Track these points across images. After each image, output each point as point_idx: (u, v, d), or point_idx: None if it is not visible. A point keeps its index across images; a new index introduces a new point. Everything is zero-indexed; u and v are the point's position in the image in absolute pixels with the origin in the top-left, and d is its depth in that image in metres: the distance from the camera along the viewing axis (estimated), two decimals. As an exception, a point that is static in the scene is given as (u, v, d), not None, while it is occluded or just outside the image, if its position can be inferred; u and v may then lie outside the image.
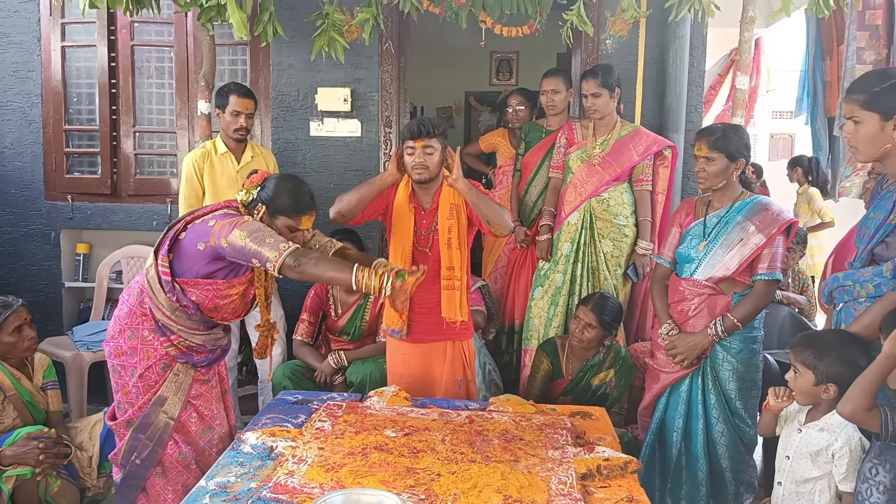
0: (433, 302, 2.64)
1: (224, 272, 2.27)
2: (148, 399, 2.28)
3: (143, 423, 2.28)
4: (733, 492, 2.63)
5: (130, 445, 2.29)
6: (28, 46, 4.05)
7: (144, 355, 2.28)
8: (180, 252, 2.25)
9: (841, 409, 1.87)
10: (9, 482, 2.42)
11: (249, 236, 2.11)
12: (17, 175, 4.12)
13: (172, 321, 2.26)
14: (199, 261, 2.22)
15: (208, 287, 2.25)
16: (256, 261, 2.11)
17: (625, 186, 3.33)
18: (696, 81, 3.73)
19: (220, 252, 2.17)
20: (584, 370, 2.99)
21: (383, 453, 2.01)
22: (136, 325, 2.29)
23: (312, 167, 3.95)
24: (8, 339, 2.63)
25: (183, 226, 2.26)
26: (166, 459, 2.31)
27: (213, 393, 2.43)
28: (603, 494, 1.87)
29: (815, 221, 6.03)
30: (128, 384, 2.30)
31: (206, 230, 2.19)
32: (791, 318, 3.65)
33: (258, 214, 2.27)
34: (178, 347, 2.30)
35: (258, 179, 2.33)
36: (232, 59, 4.04)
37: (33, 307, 2.76)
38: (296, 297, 3.64)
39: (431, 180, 2.60)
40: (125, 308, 2.33)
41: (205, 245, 2.18)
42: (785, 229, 2.48)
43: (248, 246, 2.10)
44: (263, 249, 2.08)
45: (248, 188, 2.32)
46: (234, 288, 2.31)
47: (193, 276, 2.24)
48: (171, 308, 2.25)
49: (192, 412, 2.36)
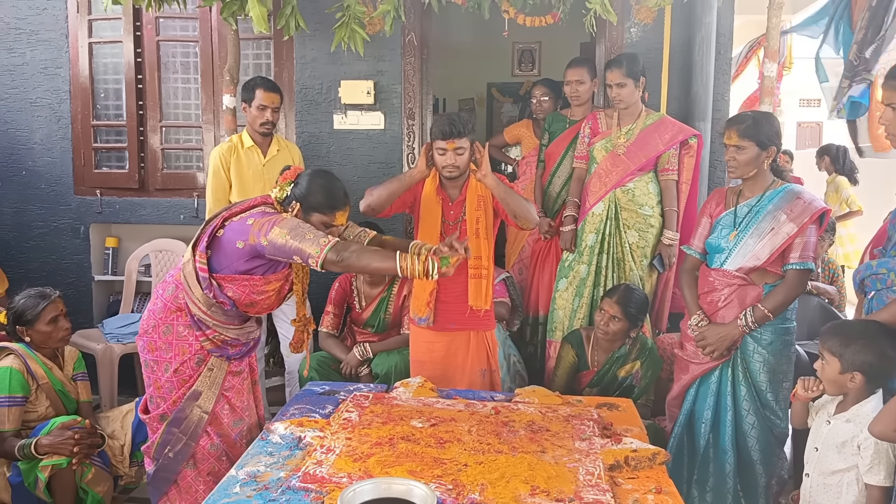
0: (459, 291, 2.68)
1: (262, 269, 2.28)
2: (182, 394, 2.29)
3: (177, 417, 2.29)
4: (763, 484, 2.60)
5: (164, 439, 2.30)
6: (56, 43, 4.11)
7: (179, 350, 2.29)
8: (218, 248, 2.25)
9: (871, 429, 1.85)
10: (45, 471, 2.47)
11: (290, 233, 2.11)
12: (46, 171, 4.20)
13: (208, 316, 2.27)
14: (237, 258, 2.23)
15: (245, 283, 2.26)
16: (298, 257, 2.12)
17: (650, 176, 3.30)
18: (723, 69, 3.67)
19: (260, 250, 2.17)
20: (609, 362, 2.97)
21: (410, 443, 2.02)
22: (172, 321, 2.30)
23: (336, 160, 3.96)
24: (44, 329, 2.68)
25: (220, 222, 2.27)
26: (198, 452, 2.33)
27: (245, 385, 2.45)
28: (631, 486, 1.86)
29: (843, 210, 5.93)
30: (160, 379, 2.31)
31: (245, 228, 2.19)
32: (821, 309, 3.59)
33: (293, 211, 2.27)
34: (213, 342, 2.30)
35: (291, 176, 2.32)
36: (256, 54, 4.07)
37: (64, 301, 2.81)
38: (320, 290, 3.67)
39: (461, 176, 2.64)
40: (159, 303, 2.33)
41: (244, 243, 2.19)
42: (817, 218, 2.43)
43: (288, 243, 2.11)
44: (304, 246, 2.09)
45: (281, 185, 2.32)
46: (271, 284, 2.32)
47: (231, 273, 2.25)
48: (207, 303, 2.26)
49: (225, 404, 2.37)
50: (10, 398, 2.55)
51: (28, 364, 2.63)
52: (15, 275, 4.05)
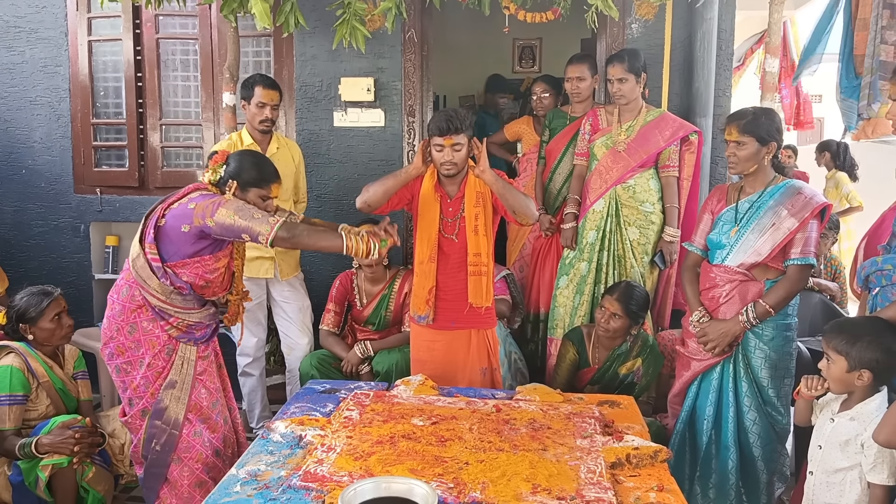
0: (459, 289, 2.66)
1: (210, 248, 2.37)
2: (158, 385, 2.36)
3: (158, 409, 2.35)
4: (765, 481, 2.59)
5: (148, 434, 2.36)
6: (56, 41, 4.10)
7: (148, 345, 2.36)
8: (164, 237, 2.33)
9: (876, 437, 1.85)
10: (45, 470, 2.47)
11: (236, 213, 2.23)
12: (46, 169, 4.19)
13: (168, 304, 2.35)
14: (184, 242, 2.32)
15: (197, 265, 2.35)
16: (247, 235, 2.23)
17: (651, 173, 3.29)
18: (725, 65, 3.65)
19: (207, 231, 2.27)
20: (610, 359, 2.96)
21: (411, 442, 2.02)
22: (134, 319, 2.37)
23: (336, 157, 3.95)
24: (47, 327, 2.69)
25: (162, 212, 2.34)
26: (182, 441, 2.38)
27: (213, 367, 2.53)
28: (633, 483, 1.85)
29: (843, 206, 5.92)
30: (136, 378, 2.37)
31: (188, 212, 2.29)
32: (822, 306, 3.59)
33: (230, 190, 2.37)
34: (178, 328, 2.38)
35: (221, 159, 2.43)
36: (256, 51, 4.06)
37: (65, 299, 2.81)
38: (321, 288, 3.66)
39: (459, 173, 2.63)
40: (117, 307, 2.41)
41: (189, 226, 2.28)
42: (818, 213, 2.43)
43: (236, 223, 2.22)
44: (254, 224, 2.21)
45: (213, 168, 2.42)
46: (220, 261, 2.42)
47: (181, 258, 2.34)
48: (165, 292, 2.33)
49: (202, 388, 2.44)
50: (10, 396, 2.54)
51: (28, 362, 2.63)
52: (15, 274, 4.04)
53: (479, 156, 2.53)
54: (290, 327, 3.49)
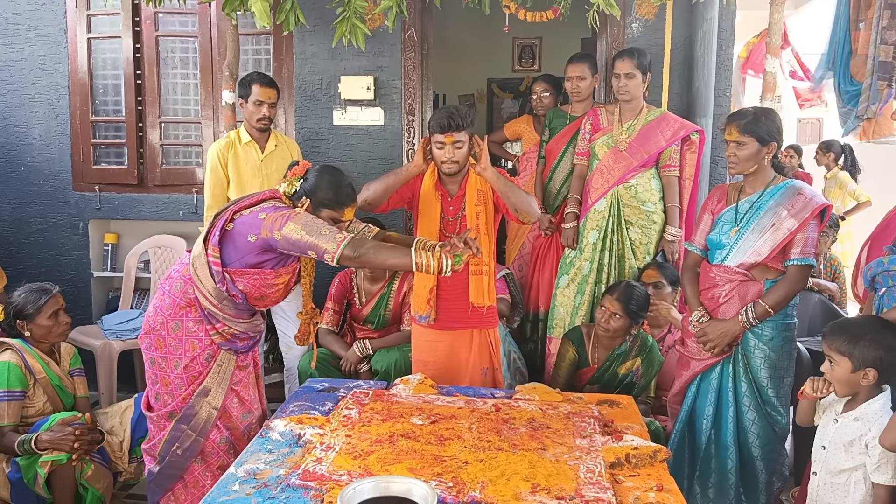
0: (461, 288, 2.65)
1: (273, 262, 2.28)
2: (192, 390, 2.28)
3: (187, 414, 2.28)
4: (764, 481, 2.59)
5: (172, 436, 2.29)
6: (55, 39, 4.09)
7: (189, 346, 2.29)
8: (229, 242, 2.25)
9: (883, 441, 1.85)
10: (44, 467, 2.46)
11: (304, 229, 2.13)
12: (45, 166, 4.18)
13: (219, 310, 2.27)
14: (249, 251, 2.23)
15: (256, 276, 2.27)
16: (313, 252, 2.14)
17: (652, 172, 3.29)
18: (725, 65, 3.65)
19: (273, 244, 2.18)
20: (610, 359, 2.96)
21: (410, 441, 2.01)
22: (181, 317, 2.29)
23: (336, 156, 3.95)
24: (45, 323, 2.68)
25: (230, 216, 2.26)
26: (207, 446, 2.32)
27: (250, 378, 2.46)
28: (632, 483, 1.85)
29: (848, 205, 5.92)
30: (169, 376, 2.30)
31: (257, 222, 2.20)
32: (822, 306, 3.59)
33: (303, 207, 2.28)
34: (223, 335, 2.31)
35: (300, 171, 2.33)
36: (255, 49, 4.05)
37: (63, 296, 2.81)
38: (320, 287, 3.65)
39: (460, 171, 2.62)
40: (167, 299, 2.32)
41: (256, 237, 2.20)
42: (819, 213, 2.43)
43: (303, 238, 2.13)
44: (320, 241, 2.12)
45: (290, 180, 2.32)
46: (281, 277, 2.33)
47: (242, 266, 2.25)
48: (219, 297, 2.25)
49: (234, 398, 2.37)
50: (8, 392, 2.54)
51: (26, 359, 2.62)
52: (14, 271, 4.03)
53: (481, 153, 2.51)
54: (288, 326, 3.49)
